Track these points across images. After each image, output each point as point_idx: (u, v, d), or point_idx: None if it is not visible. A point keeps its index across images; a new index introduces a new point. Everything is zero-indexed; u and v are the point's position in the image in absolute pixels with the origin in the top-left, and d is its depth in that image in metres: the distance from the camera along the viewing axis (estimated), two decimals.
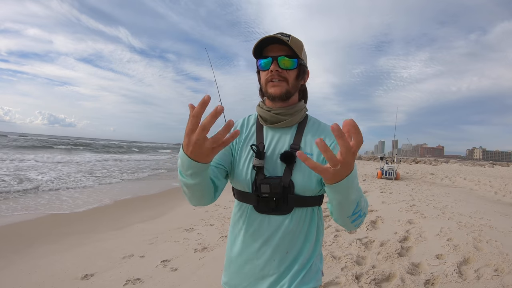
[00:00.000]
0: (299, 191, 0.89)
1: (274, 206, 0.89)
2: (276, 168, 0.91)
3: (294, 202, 0.89)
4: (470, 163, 40.26)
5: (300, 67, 0.94)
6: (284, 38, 0.88)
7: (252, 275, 0.94)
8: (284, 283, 0.90)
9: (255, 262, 0.93)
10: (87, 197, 6.49)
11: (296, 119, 0.96)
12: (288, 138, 0.95)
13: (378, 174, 11.40)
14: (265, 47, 0.93)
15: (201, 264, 2.95)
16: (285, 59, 0.90)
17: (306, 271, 0.92)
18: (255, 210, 0.93)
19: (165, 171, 13.69)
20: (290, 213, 0.90)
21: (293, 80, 0.93)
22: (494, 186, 9.79)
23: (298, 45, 0.92)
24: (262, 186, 0.88)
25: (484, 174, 17.62)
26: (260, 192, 0.89)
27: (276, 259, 0.91)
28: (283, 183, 0.88)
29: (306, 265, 0.93)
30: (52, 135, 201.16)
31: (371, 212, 4.89)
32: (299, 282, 0.90)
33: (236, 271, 0.98)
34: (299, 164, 0.89)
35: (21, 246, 3.48)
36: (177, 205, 6.02)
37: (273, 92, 0.92)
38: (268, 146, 0.94)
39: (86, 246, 3.53)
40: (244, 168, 0.94)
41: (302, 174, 0.89)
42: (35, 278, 2.69)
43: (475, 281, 2.45)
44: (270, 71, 0.91)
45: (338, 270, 2.64)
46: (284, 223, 0.90)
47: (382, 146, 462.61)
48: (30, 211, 4.95)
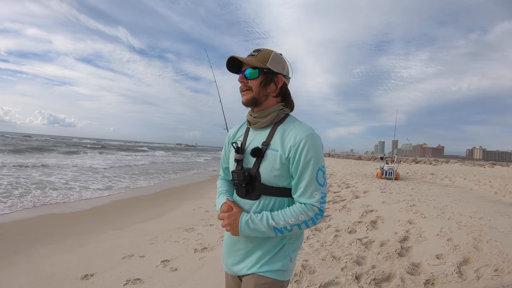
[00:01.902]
0: (265, 181, 1.08)
1: (245, 192, 1.11)
2: (250, 161, 1.11)
3: (261, 190, 1.08)
4: (470, 163, 40.27)
5: (264, 75, 1.10)
6: (252, 54, 1.10)
7: (229, 249, 1.17)
8: (251, 260, 1.10)
9: (231, 238, 1.16)
10: (89, 198, 6.49)
11: (269, 121, 1.12)
12: (262, 137, 1.12)
13: (378, 174, 11.40)
14: (243, 63, 1.12)
15: (201, 264, 2.95)
16: (249, 71, 1.09)
17: (273, 254, 1.08)
18: (237, 194, 1.16)
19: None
20: (258, 199, 1.09)
21: (258, 87, 1.10)
22: (494, 186, 9.78)
23: (263, 56, 1.10)
24: (233, 174, 1.12)
25: (484, 174, 17.60)
26: (233, 179, 1.13)
27: (245, 237, 1.10)
28: (250, 173, 1.08)
29: (273, 249, 1.09)
30: (52, 135, 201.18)
31: (371, 212, 4.89)
32: (265, 262, 1.08)
33: (224, 245, 1.23)
34: (266, 159, 1.07)
35: (22, 246, 3.49)
36: (177, 205, 6.03)
37: (242, 100, 1.14)
38: (247, 144, 1.15)
39: (86, 246, 3.54)
40: (231, 161, 1.19)
41: (265, 168, 1.07)
42: (35, 278, 2.69)
43: (475, 281, 2.45)
44: (240, 81, 1.13)
45: (338, 270, 2.64)
46: (252, 207, 1.10)
47: (382, 146, 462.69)
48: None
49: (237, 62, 1.12)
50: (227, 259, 1.19)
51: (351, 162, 30.37)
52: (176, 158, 26.38)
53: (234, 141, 1.17)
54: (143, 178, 10.59)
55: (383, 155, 16.24)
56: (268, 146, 1.09)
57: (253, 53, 1.12)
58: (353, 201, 5.96)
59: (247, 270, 1.10)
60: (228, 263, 1.18)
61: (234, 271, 1.16)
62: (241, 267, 1.12)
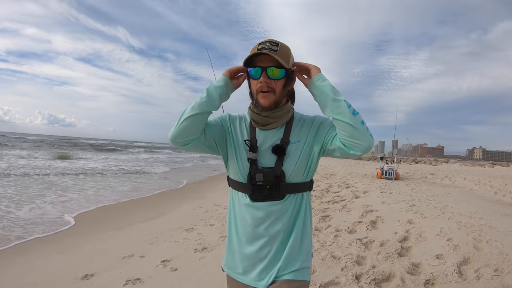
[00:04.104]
0: (290, 179, 1.01)
1: (268, 194, 1.01)
2: (268, 160, 1.03)
3: (286, 189, 1.01)
4: (470, 163, 40.25)
5: (288, 75, 1.02)
6: (273, 48, 0.96)
7: (248, 259, 1.05)
8: (277, 265, 1.01)
9: (250, 247, 1.04)
10: (91, 197, 6.49)
11: (283, 121, 1.06)
12: (278, 135, 1.05)
13: (378, 174, 11.39)
14: (256, 56, 0.99)
15: (201, 264, 2.95)
16: (273, 70, 0.98)
17: (296, 252, 1.02)
18: (250, 198, 1.03)
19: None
20: (283, 199, 1.02)
21: (281, 89, 1.02)
22: (494, 186, 9.78)
23: (286, 53, 0.99)
24: (257, 175, 1.00)
25: (484, 174, 17.60)
26: (255, 181, 1.00)
27: (270, 242, 1.02)
28: (275, 172, 1.00)
29: (296, 246, 1.02)
30: (53, 135, 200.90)
31: (371, 212, 4.89)
32: (291, 263, 1.01)
33: (234, 255, 1.09)
34: (289, 156, 1.02)
35: (21, 246, 3.49)
36: (177, 205, 6.02)
37: (262, 103, 1.01)
38: (260, 142, 1.05)
39: (86, 246, 3.53)
40: (239, 160, 1.06)
41: (291, 164, 1.01)
42: (35, 278, 2.69)
43: (475, 281, 2.45)
44: (260, 82, 0.99)
45: (338, 270, 2.64)
46: (276, 209, 1.01)
47: (382, 146, 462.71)
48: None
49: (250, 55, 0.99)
50: (256, 268, 1.03)
51: (351, 162, 30.35)
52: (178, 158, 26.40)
53: (247, 139, 1.06)
54: (143, 179, 10.59)
55: (383, 155, 16.23)
56: (288, 142, 1.03)
57: (273, 46, 0.97)
58: (353, 201, 5.96)
59: (276, 274, 1.00)
60: (257, 272, 1.03)
61: (264, 284, 1.02)
62: (272, 274, 1.01)
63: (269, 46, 0.97)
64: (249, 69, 1.02)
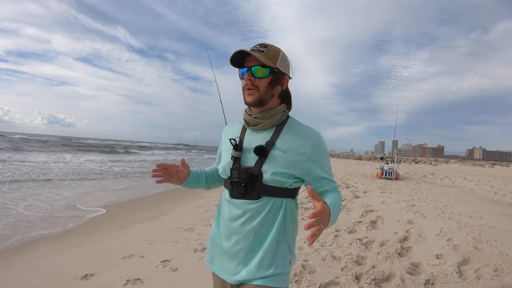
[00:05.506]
0: (267, 181, 1.02)
1: (244, 192, 1.04)
2: (250, 160, 1.05)
3: (262, 190, 1.03)
4: (470, 163, 40.25)
5: (274, 75, 1.04)
6: (260, 50, 1.02)
7: (229, 251, 1.06)
8: (251, 264, 1.02)
9: (225, 242, 1.07)
10: (91, 198, 6.49)
11: (272, 122, 1.07)
12: (265, 137, 1.07)
13: (378, 174, 11.39)
14: (245, 57, 1.05)
15: (201, 264, 2.95)
16: (258, 69, 1.02)
17: (273, 256, 1.02)
18: (229, 195, 1.09)
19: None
20: (258, 199, 1.03)
21: (265, 87, 1.04)
22: (494, 186, 9.78)
23: (274, 54, 1.04)
24: (233, 171, 1.05)
25: (484, 174, 17.60)
26: (231, 178, 1.05)
27: (242, 239, 1.04)
28: (252, 171, 1.02)
29: (273, 248, 1.02)
30: (53, 135, 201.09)
31: (371, 212, 4.89)
32: (266, 266, 1.01)
33: (213, 249, 1.14)
34: (271, 160, 1.03)
35: (21, 246, 3.49)
36: (177, 205, 6.03)
37: (247, 99, 1.06)
38: (246, 142, 1.09)
39: (86, 246, 3.54)
40: (225, 158, 1.12)
41: (269, 167, 1.02)
42: (35, 278, 2.69)
43: (475, 281, 2.45)
44: (245, 80, 1.04)
45: (338, 270, 2.64)
46: (250, 208, 1.03)
47: (382, 146, 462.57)
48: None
49: (240, 56, 1.04)
50: (229, 264, 1.06)
51: (351, 162, 30.37)
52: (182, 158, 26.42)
53: (232, 138, 1.10)
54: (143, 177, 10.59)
55: (383, 155, 16.24)
56: (273, 146, 1.03)
57: (261, 48, 1.03)
58: (353, 201, 5.96)
59: (247, 276, 1.02)
60: (229, 268, 1.06)
61: (234, 280, 1.05)
62: (242, 274, 1.03)
63: (257, 47, 1.03)
64: (239, 70, 1.08)
